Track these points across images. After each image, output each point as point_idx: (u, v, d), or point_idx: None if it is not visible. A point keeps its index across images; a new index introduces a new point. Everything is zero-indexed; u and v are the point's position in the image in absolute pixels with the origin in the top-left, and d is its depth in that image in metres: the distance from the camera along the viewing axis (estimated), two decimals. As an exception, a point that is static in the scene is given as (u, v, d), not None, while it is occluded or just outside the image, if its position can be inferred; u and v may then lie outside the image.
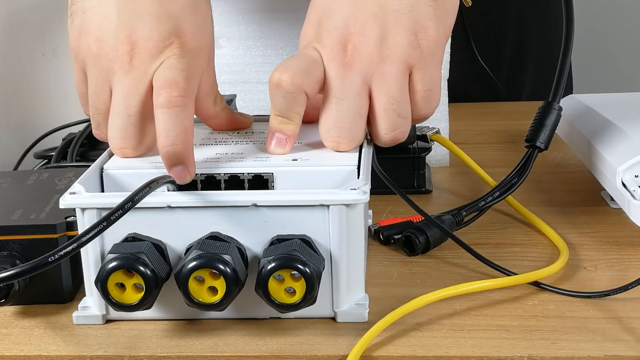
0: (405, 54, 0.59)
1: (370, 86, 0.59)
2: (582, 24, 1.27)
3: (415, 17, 0.60)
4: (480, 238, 0.67)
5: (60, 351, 0.53)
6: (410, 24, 0.59)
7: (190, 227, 0.54)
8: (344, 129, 0.59)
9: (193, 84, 0.59)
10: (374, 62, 0.59)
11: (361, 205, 0.54)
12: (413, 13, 0.60)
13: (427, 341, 0.53)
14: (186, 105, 0.57)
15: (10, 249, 0.57)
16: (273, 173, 0.57)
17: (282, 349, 0.52)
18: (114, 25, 0.59)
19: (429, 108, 0.61)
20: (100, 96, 0.60)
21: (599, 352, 0.51)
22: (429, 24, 0.60)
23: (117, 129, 0.59)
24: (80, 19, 0.60)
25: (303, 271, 0.51)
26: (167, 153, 0.56)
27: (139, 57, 0.58)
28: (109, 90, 0.60)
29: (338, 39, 0.60)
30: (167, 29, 0.59)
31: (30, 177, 0.67)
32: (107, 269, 0.52)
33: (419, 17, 0.60)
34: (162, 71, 0.58)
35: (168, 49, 0.59)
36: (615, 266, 0.62)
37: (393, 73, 0.59)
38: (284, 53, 0.85)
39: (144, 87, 0.58)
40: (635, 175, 0.65)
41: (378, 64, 0.59)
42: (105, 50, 0.59)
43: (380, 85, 0.59)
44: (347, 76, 0.59)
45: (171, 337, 0.54)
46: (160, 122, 0.56)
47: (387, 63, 0.59)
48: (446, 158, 0.86)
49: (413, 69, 0.60)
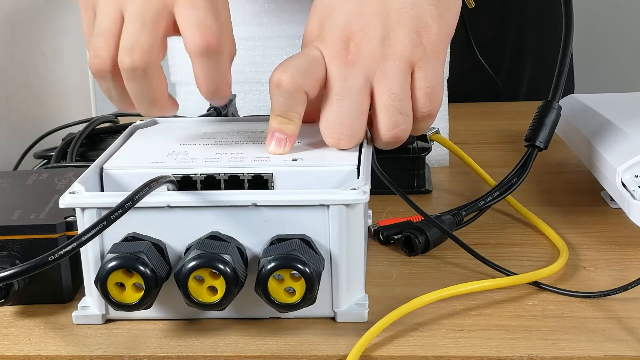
0: (407, 51, 0.59)
1: (372, 84, 0.59)
2: (583, 23, 1.27)
3: (418, 16, 0.60)
4: (480, 238, 0.67)
5: (60, 351, 0.53)
6: (412, 22, 0.59)
7: (190, 227, 0.54)
8: (345, 126, 0.59)
9: (224, 20, 0.59)
10: (376, 59, 0.59)
11: (361, 205, 0.54)
12: (415, 11, 0.60)
13: (427, 341, 0.53)
14: (223, 51, 0.58)
15: (10, 249, 0.57)
16: (273, 173, 0.57)
17: (282, 349, 0.52)
18: None
19: (432, 106, 0.61)
20: (106, 19, 0.59)
21: (599, 352, 0.51)
22: (432, 22, 0.60)
23: (128, 34, 0.58)
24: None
25: (303, 271, 0.51)
26: (211, 95, 0.60)
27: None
28: (118, 15, 0.59)
29: (340, 37, 0.60)
30: None
31: (30, 177, 0.67)
32: (106, 269, 0.52)
33: (422, 15, 0.60)
34: (187, 10, 0.58)
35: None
36: (615, 266, 0.62)
37: (395, 70, 0.59)
38: (284, 53, 0.86)
39: (161, 8, 0.58)
40: (635, 175, 0.65)
41: (380, 62, 0.59)
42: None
43: (381, 82, 0.59)
44: (349, 74, 0.59)
45: (171, 337, 0.54)
46: (198, 68, 0.59)
47: (389, 61, 0.59)
48: (446, 158, 0.86)
49: (415, 67, 0.60)
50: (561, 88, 0.68)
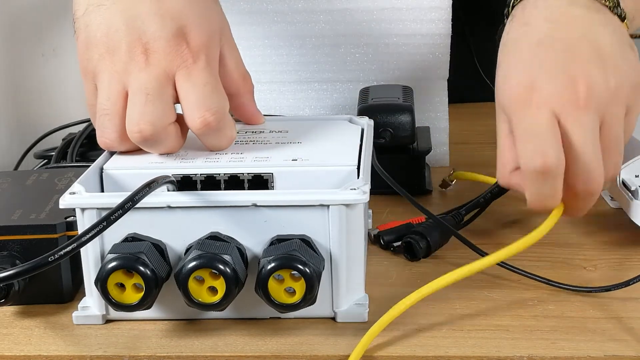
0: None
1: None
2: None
3: None
4: (480, 238, 0.67)
5: (60, 351, 0.53)
6: None
7: (190, 227, 0.54)
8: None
9: (219, 90, 0.59)
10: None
11: (361, 205, 0.54)
12: None
13: (427, 341, 0.53)
14: (222, 126, 0.59)
15: (10, 249, 0.57)
16: (273, 173, 0.57)
17: (282, 349, 0.52)
18: (122, 31, 0.58)
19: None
20: (110, 97, 0.59)
21: (599, 352, 0.51)
22: None
23: (134, 108, 0.58)
24: (84, 34, 0.60)
25: (303, 271, 0.51)
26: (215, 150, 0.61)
27: (154, 56, 0.58)
28: (121, 90, 0.58)
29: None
30: (173, 27, 0.58)
31: (30, 177, 0.67)
32: (107, 269, 0.52)
33: None
34: (186, 86, 0.58)
35: (179, 56, 0.58)
36: (615, 266, 0.62)
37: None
38: (284, 53, 0.85)
39: (162, 78, 0.58)
40: (635, 175, 0.65)
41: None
42: (119, 55, 0.58)
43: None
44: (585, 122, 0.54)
45: (171, 337, 0.54)
46: (202, 140, 0.60)
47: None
48: (446, 158, 0.86)
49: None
50: None
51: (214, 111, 0.58)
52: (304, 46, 0.85)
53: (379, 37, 0.84)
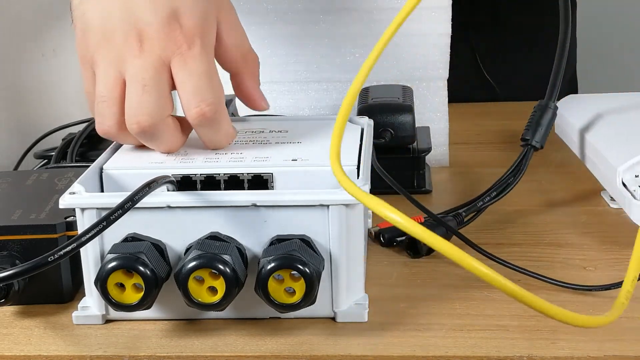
0: None
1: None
2: (586, 23, 1.27)
3: None
4: (480, 238, 0.67)
5: (60, 351, 0.53)
6: None
7: (190, 227, 0.54)
8: None
9: (214, 79, 0.59)
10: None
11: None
12: None
13: (427, 341, 0.53)
14: (218, 117, 0.59)
15: (10, 249, 0.57)
16: (273, 173, 0.57)
17: (282, 349, 0.52)
18: (118, 18, 0.58)
19: None
20: (107, 84, 0.59)
21: (599, 352, 0.51)
22: None
23: (131, 99, 0.58)
24: (81, 22, 0.60)
25: (303, 271, 0.51)
26: (215, 149, 0.61)
27: (148, 42, 0.58)
28: (118, 77, 0.59)
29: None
30: (165, 11, 0.58)
31: (30, 177, 0.67)
32: (106, 269, 0.52)
33: None
34: (182, 74, 0.58)
35: (173, 41, 0.58)
36: (615, 266, 0.62)
37: None
38: (282, 53, 0.86)
39: (159, 65, 0.58)
40: (635, 175, 0.65)
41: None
42: (114, 42, 0.58)
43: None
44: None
45: (171, 337, 0.54)
46: (198, 132, 0.60)
47: None
48: (446, 158, 0.86)
49: None
50: (557, 88, 0.68)
51: (209, 102, 0.58)
52: (303, 46, 0.85)
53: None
